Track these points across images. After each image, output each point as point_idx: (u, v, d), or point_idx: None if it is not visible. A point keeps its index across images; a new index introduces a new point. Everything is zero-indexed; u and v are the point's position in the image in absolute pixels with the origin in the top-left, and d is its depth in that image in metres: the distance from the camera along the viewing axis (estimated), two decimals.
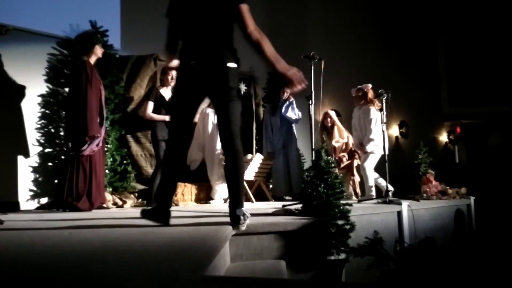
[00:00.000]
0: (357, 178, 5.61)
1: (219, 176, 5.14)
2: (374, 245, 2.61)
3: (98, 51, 4.26)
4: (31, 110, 4.62)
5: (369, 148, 5.01)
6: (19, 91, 4.56)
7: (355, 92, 5.39)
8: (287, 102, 5.82)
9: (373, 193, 4.96)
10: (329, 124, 5.81)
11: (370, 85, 5.35)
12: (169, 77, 4.53)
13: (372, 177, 5.04)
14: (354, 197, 5.37)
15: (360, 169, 5.18)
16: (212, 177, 5.22)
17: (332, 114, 5.87)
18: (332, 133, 5.76)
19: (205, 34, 2.39)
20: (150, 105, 4.50)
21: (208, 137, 5.32)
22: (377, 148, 5.01)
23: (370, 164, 5.04)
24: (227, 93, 2.36)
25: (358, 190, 5.60)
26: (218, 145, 5.25)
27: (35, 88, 4.67)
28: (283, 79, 2.31)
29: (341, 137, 5.67)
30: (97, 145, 4.05)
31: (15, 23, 4.40)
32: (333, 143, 5.65)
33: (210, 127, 5.30)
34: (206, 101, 4.72)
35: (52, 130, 4.75)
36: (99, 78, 4.23)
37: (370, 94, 5.25)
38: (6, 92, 4.47)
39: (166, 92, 4.60)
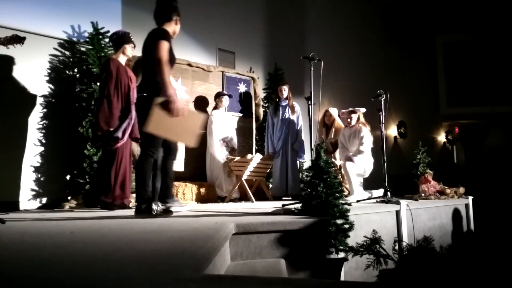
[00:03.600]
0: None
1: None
2: (373, 244, 2.63)
3: (128, 50, 4.29)
4: (32, 110, 4.65)
5: (356, 159, 4.83)
6: (21, 92, 4.59)
7: (346, 114, 5.21)
8: (287, 102, 5.90)
9: (364, 192, 4.89)
10: (329, 122, 5.83)
11: (363, 109, 5.19)
12: None
13: (356, 178, 4.84)
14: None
15: (342, 168, 4.96)
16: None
17: (333, 111, 5.85)
18: (331, 130, 5.79)
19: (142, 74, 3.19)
20: None
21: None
22: (367, 165, 4.88)
23: (353, 168, 4.81)
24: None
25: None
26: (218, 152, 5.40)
27: (37, 89, 4.70)
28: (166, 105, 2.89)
29: (338, 135, 5.67)
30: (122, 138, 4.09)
31: (17, 25, 4.43)
32: (329, 140, 5.68)
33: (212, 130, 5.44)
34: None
35: (54, 130, 4.77)
36: (132, 75, 4.27)
37: (362, 119, 5.12)
38: (8, 93, 4.49)
39: None
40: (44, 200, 4.62)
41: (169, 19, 3.14)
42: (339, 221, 2.86)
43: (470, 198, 5.64)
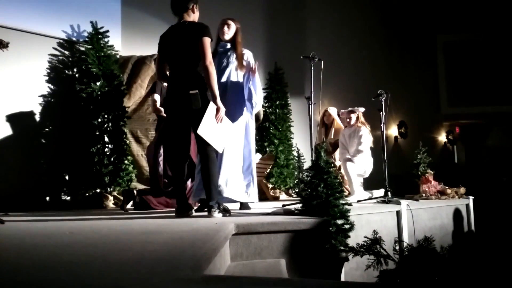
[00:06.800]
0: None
1: None
2: (373, 244, 2.63)
3: None
4: (32, 110, 4.65)
5: (356, 159, 4.81)
6: (21, 92, 4.58)
7: (345, 114, 5.18)
8: (229, 46, 3.72)
9: (364, 192, 4.86)
10: (328, 121, 5.81)
11: (362, 109, 5.16)
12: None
13: (356, 179, 4.82)
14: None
15: (342, 169, 4.95)
16: None
17: (332, 111, 5.81)
18: (330, 130, 5.77)
19: (178, 67, 3.00)
20: (157, 97, 4.45)
21: None
22: (366, 165, 4.86)
23: (353, 169, 4.79)
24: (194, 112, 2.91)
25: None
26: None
27: (36, 89, 4.69)
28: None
29: (337, 135, 5.64)
30: None
31: (17, 25, 4.43)
32: (328, 140, 5.67)
33: None
34: None
35: (53, 130, 4.77)
36: None
37: (362, 118, 5.09)
38: (7, 93, 4.49)
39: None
40: (44, 200, 4.61)
41: (186, 9, 2.99)
42: (339, 222, 2.85)
43: (471, 198, 5.63)
